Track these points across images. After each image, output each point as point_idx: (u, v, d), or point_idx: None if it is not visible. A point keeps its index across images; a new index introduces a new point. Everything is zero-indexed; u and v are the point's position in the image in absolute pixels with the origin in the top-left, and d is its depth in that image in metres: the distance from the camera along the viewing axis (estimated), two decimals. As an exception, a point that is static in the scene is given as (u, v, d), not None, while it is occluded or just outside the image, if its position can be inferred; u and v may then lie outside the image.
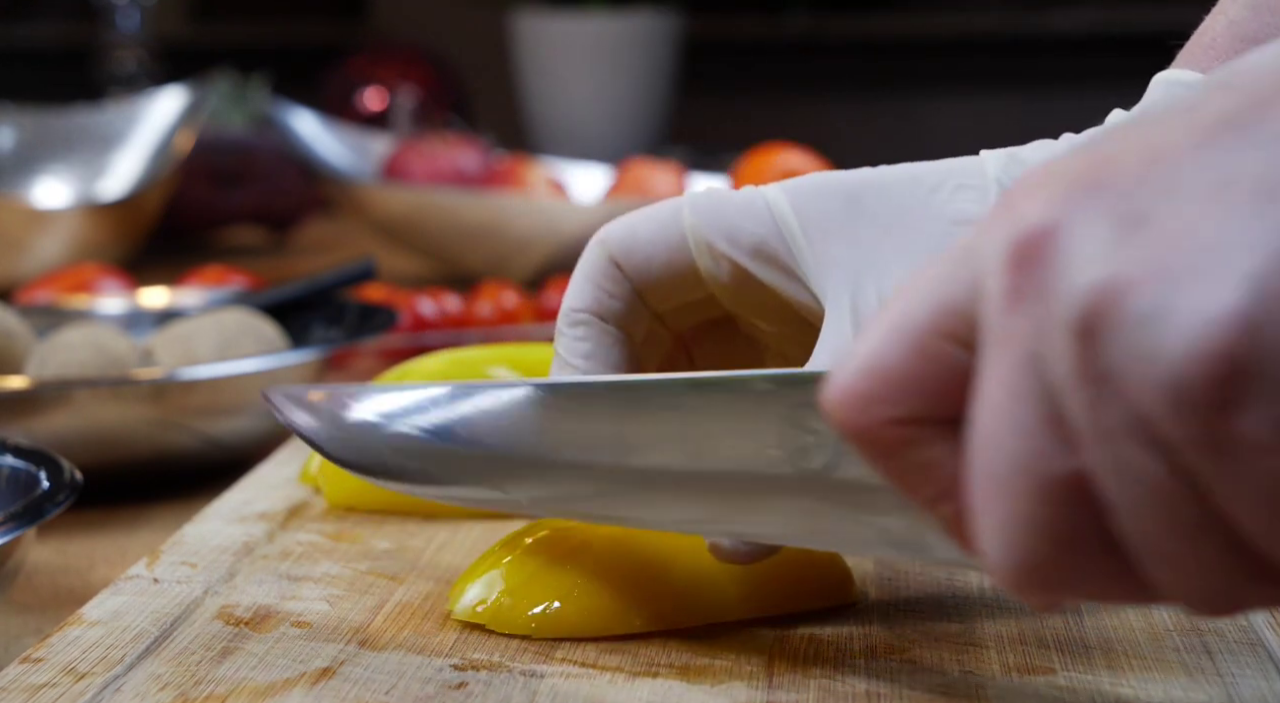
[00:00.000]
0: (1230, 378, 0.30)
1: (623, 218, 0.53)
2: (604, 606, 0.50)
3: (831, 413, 0.35)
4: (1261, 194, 0.30)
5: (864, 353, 0.35)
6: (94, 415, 0.75)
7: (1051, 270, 0.32)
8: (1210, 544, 0.32)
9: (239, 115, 1.78)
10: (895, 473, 0.36)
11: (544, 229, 1.28)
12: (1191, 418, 0.31)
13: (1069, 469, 0.33)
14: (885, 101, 2.70)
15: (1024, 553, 0.34)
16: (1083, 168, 0.32)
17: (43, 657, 0.48)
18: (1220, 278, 0.30)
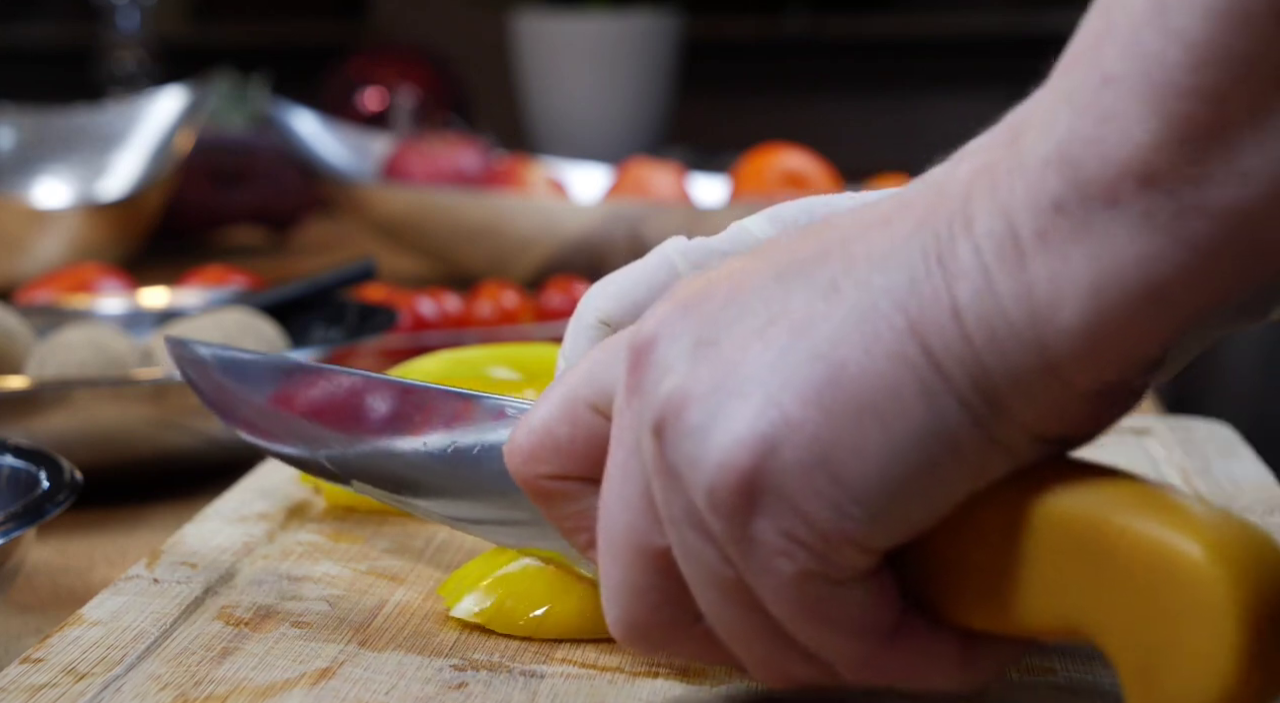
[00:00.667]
0: (748, 491, 0.36)
1: (611, 291, 0.51)
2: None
3: (507, 463, 0.43)
4: (796, 333, 0.36)
5: (534, 415, 0.42)
6: (94, 415, 0.75)
7: (649, 375, 0.38)
8: (757, 623, 0.39)
9: (239, 115, 1.78)
10: (555, 519, 0.43)
11: (544, 229, 1.28)
12: (722, 519, 0.37)
13: (661, 546, 0.39)
14: (885, 101, 2.70)
15: (627, 612, 0.40)
16: (688, 291, 0.38)
17: (43, 657, 0.48)
18: (751, 402, 0.36)
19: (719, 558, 0.38)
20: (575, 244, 1.27)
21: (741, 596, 0.38)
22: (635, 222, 1.26)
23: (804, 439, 0.35)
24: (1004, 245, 0.34)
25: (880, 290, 0.35)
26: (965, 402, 0.35)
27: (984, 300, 0.34)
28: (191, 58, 2.06)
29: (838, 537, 0.36)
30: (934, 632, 0.38)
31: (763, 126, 2.08)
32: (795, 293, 0.37)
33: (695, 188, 1.47)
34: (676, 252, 0.51)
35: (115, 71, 1.83)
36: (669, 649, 0.41)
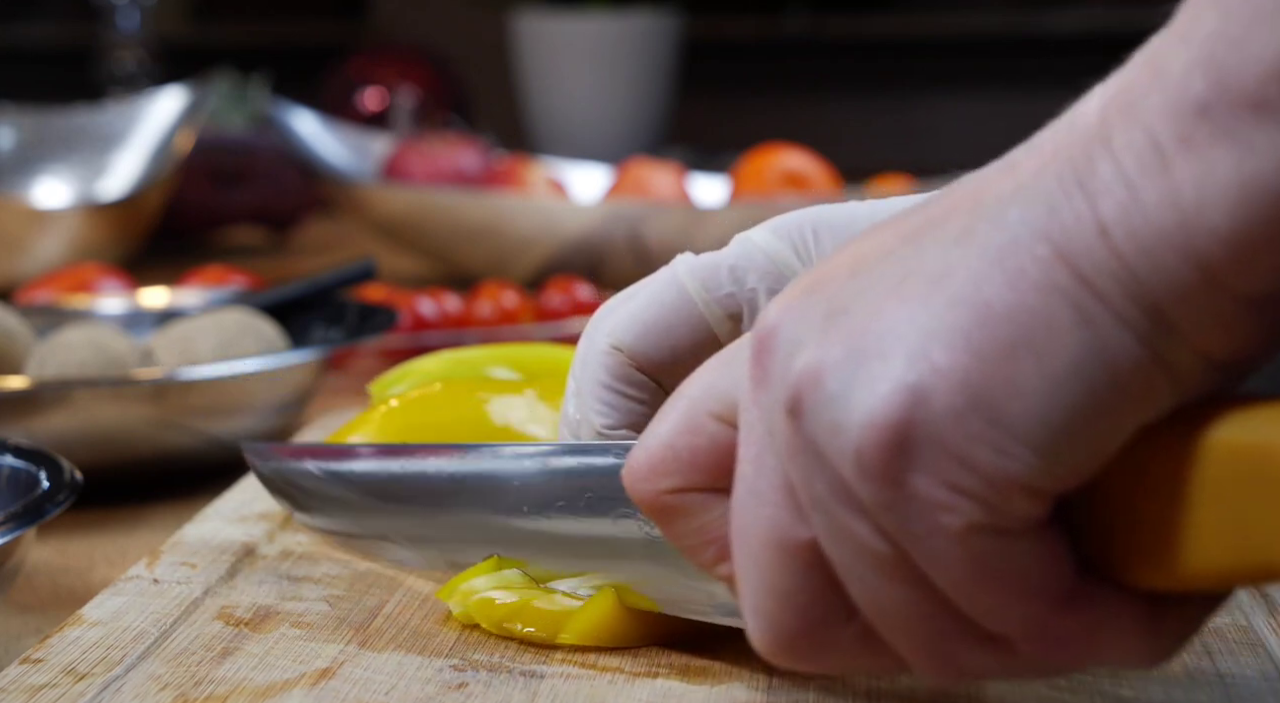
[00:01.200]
0: (900, 445, 0.34)
1: (620, 315, 0.51)
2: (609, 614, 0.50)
3: (626, 485, 0.41)
4: (932, 285, 0.35)
5: (654, 432, 0.41)
6: (94, 415, 0.75)
7: (775, 359, 0.37)
8: (922, 604, 0.36)
9: (239, 115, 1.78)
10: (678, 538, 0.41)
11: (544, 229, 1.28)
12: (874, 482, 0.35)
13: (804, 538, 0.37)
14: (885, 101, 2.70)
15: (774, 621, 0.38)
16: (809, 276, 0.38)
17: (43, 657, 0.48)
18: (893, 358, 0.35)
19: (873, 532, 0.36)
20: (575, 244, 1.27)
21: (902, 572, 0.36)
22: (635, 222, 1.26)
23: (955, 385, 0.34)
24: (1145, 155, 0.33)
25: (1018, 223, 0.34)
26: (1125, 319, 0.33)
27: (1130, 213, 0.33)
28: (191, 58, 2.06)
29: (1003, 481, 0.34)
30: (1113, 593, 0.36)
31: (763, 126, 2.08)
32: (926, 249, 0.36)
33: (695, 188, 1.47)
34: (684, 269, 0.51)
35: (115, 71, 1.83)
36: (823, 659, 0.39)
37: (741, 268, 0.50)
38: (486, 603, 0.50)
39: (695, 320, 0.50)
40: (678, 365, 0.50)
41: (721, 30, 2.65)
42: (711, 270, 0.50)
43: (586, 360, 0.51)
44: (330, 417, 0.79)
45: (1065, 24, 2.60)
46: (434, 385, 0.66)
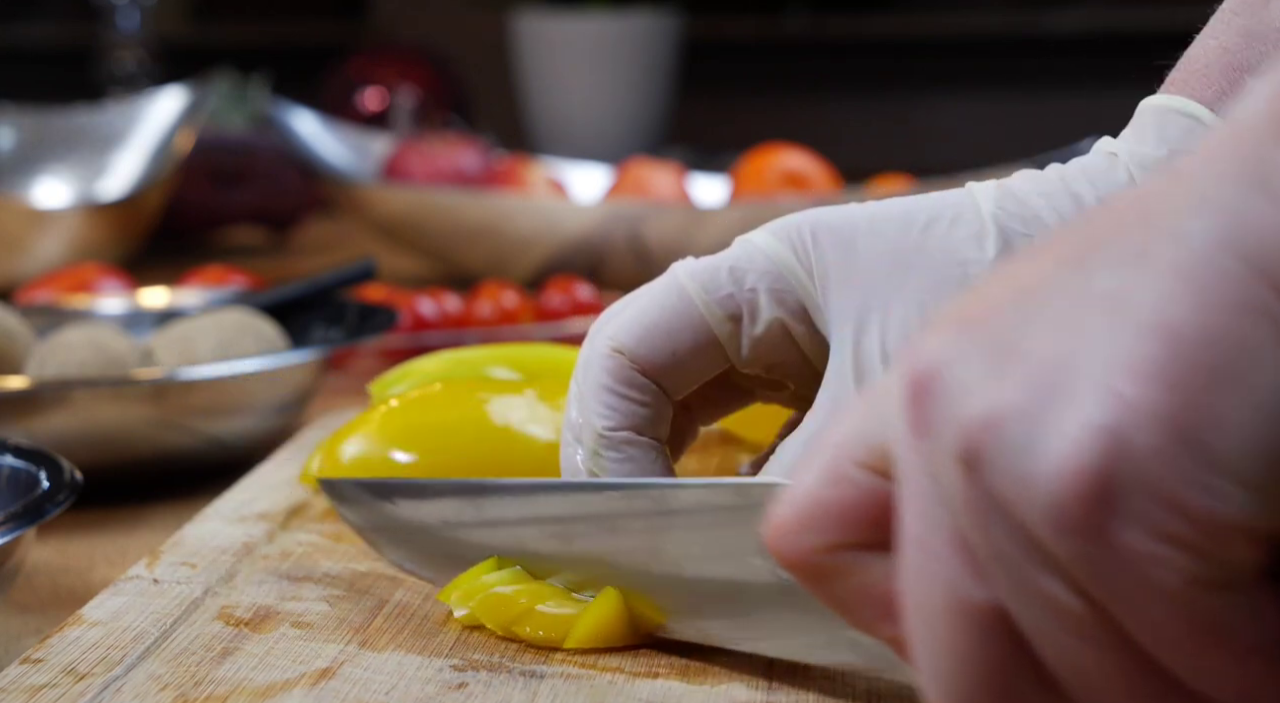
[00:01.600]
0: (1101, 495, 0.31)
1: (621, 319, 0.51)
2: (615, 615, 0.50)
3: (770, 546, 0.37)
4: (1108, 313, 0.31)
5: (796, 486, 0.37)
6: (94, 415, 0.75)
7: (939, 406, 0.33)
8: (1124, 665, 0.32)
9: (239, 115, 1.78)
10: (832, 599, 0.37)
11: (544, 229, 1.28)
12: (1073, 538, 0.31)
13: (984, 598, 0.33)
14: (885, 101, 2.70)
15: (956, 690, 0.34)
16: (966, 306, 0.34)
17: (43, 657, 0.48)
18: (1081, 398, 0.31)
19: (1069, 591, 0.32)
20: (575, 244, 1.27)
21: (1103, 633, 0.32)
22: (635, 222, 1.26)
23: (1155, 422, 0.30)
24: None
25: (1199, 236, 0.31)
26: None
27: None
28: (191, 58, 2.06)
29: (1220, 524, 0.31)
30: None
31: (763, 126, 2.08)
32: (1096, 274, 0.32)
33: (695, 188, 1.47)
34: (684, 272, 0.51)
35: (115, 71, 1.83)
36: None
37: (741, 269, 0.50)
38: (493, 605, 0.50)
39: (696, 322, 0.50)
40: (679, 368, 0.50)
41: (721, 30, 2.65)
42: (711, 273, 0.50)
43: (588, 364, 0.51)
44: (330, 417, 0.79)
45: (1065, 24, 2.60)
46: (434, 385, 0.66)
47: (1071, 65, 2.58)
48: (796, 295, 0.50)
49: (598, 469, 0.51)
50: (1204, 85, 0.51)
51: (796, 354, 0.51)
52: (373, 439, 0.63)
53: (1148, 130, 0.51)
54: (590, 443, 0.51)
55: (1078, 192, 0.50)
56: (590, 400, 0.51)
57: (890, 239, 0.50)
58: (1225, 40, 0.51)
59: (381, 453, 0.63)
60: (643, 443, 0.51)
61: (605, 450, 0.51)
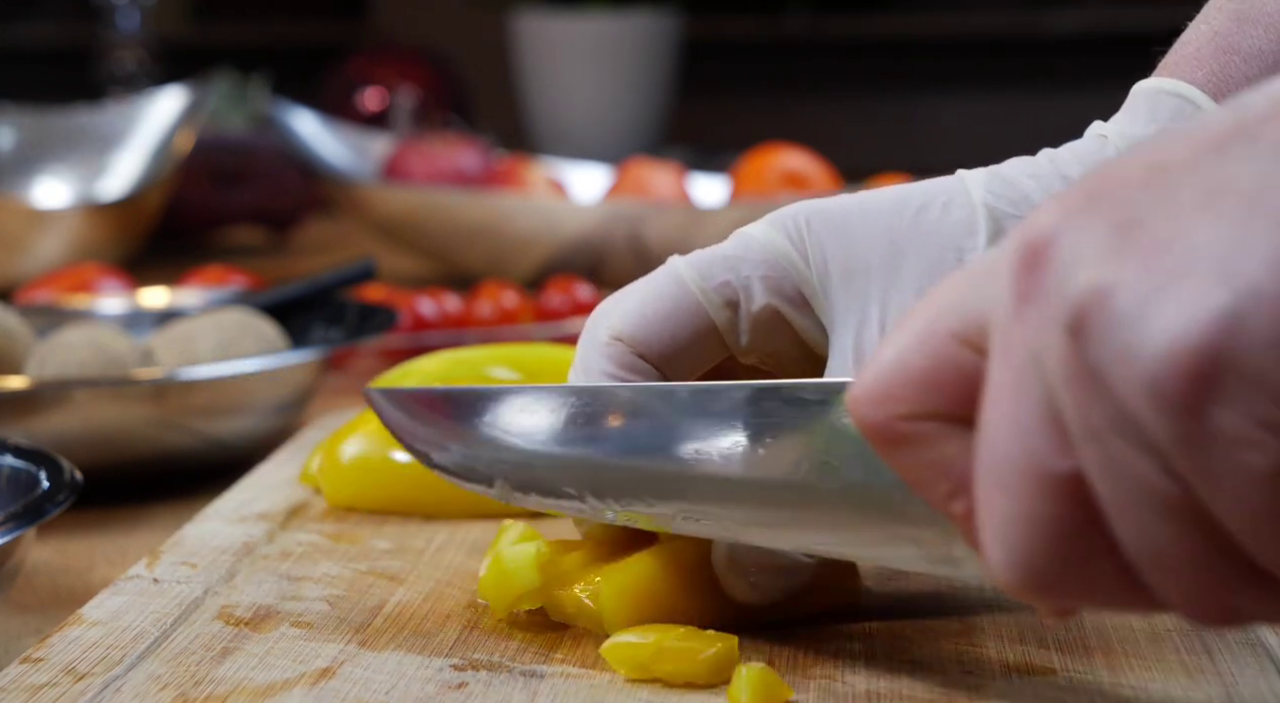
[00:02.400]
0: (1207, 375, 0.31)
1: (620, 308, 0.51)
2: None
3: (851, 410, 0.37)
4: (1251, 203, 0.31)
5: (884, 354, 0.37)
6: (94, 415, 0.75)
7: (1052, 273, 0.33)
8: (1200, 545, 0.33)
9: (239, 115, 1.78)
10: (909, 469, 0.37)
11: (544, 229, 1.28)
12: (1171, 414, 0.32)
13: (1067, 469, 0.34)
14: (885, 101, 2.70)
15: (1024, 553, 0.34)
16: (1091, 182, 0.34)
17: (43, 657, 0.48)
18: (1202, 279, 0.31)
19: (1159, 469, 0.33)
20: (575, 244, 1.27)
21: (1186, 513, 0.33)
22: (635, 222, 1.26)
23: (1276, 310, 0.31)
24: None
25: None
26: None
27: None
28: (191, 58, 2.06)
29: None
30: None
31: (763, 126, 2.08)
32: (1236, 163, 0.32)
33: (695, 188, 1.47)
34: (682, 263, 0.51)
35: (115, 71, 1.83)
36: (1074, 591, 0.35)
37: (737, 257, 0.51)
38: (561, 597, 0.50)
39: (694, 309, 0.51)
40: (679, 354, 0.51)
41: (721, 30, 2.65)
42: (708, 261, 0.51)
43: (588, 355, 0.51)
44: (330, 417, 0.79)
45: (1065, 24, 2.60)
46: (434, 385, 0.66)
47: (1071, 65, 2.58)
48: (793, 282, 0.50)
49: None
50: (1195, 67, 0.51)
51: (793, 341, 0.51)
52: (373, 439, 0.64)
53: (1139, 112, 0.51)
54: None
55: (1067, 174, 0.50)
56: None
57: (884, 225, 0.50)
58: (1216, 24, 0.52)
59: (381, 453, 0.63)
60: None
61: None
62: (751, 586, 0.50)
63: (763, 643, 0.49)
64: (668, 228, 1.25)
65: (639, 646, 0.46)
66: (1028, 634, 0.49)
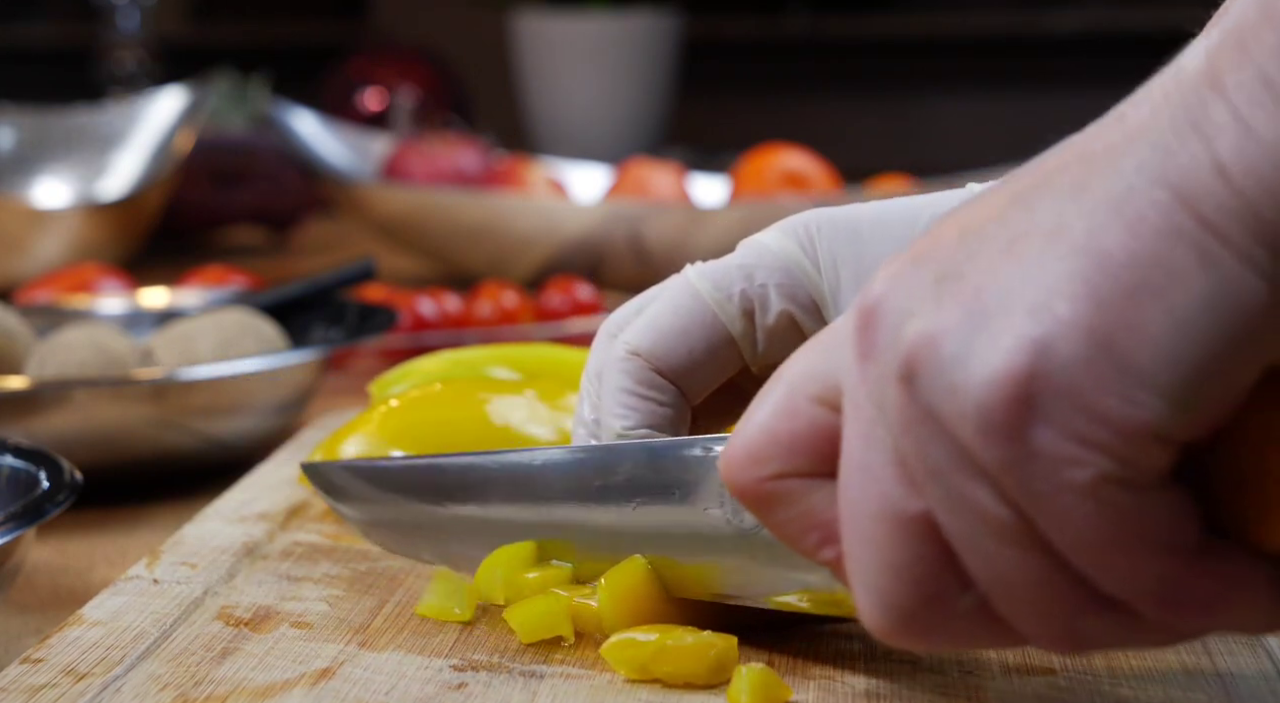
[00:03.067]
0: (1023, 397, 0.34)
1: (636, 324, 0.52)
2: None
3: (723, 474, 0.41)
4: (1049, 240, 0.34)
5: (750, 421, 0.40)
6: (94, 415, 0.75)
7: (883, 330, 0.36)
8: (1039, 570, 0.35)
9: (239, 115, 1.78)
10: (780, 525, 0.40)
11: (544, 229, 1.28)
12: (996, 440, 0.34)
13: (917, 510, 0.36)
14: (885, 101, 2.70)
15: (888, 597, 0.37)
16: (914, 248, 0.37)
17: (43, 657, 0.48)
18: (1012, 315, 0.34)
19: (994, 497, 0.35)
20: (575, 244, 1.27)
21: (1023, 537, 0.35)
22: (635, 222, 1.26)
23: (1079, 333, 0.33)
24: (1258, 93, 0.33)
25: (1132, 171, 0.34)
26: (1249, 258, 0.33)
27: (1247, 150, 0.33)
28: (191, 58, 2.06)
29: (1133, 429, 0.33)
30: (1239, 553, 0.35)
31: (763, 126, 2.08)
32: (1037, 207, 0.35)
33: (695, 188, 1.47)
34: (694, 274, 0.51)
35: (115, 71, 1.83)
36: (939, 635, 0.38)
37: (750, 266, 0.51)
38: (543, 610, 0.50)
39: (710, 321, 0.51)
40: (696, 368, 0.51)
41: (721, 30, 2.65)
42: (722, 272, 0.51)
43: (604, 368, 0.52)
44: (330, 417, 0.79)
45: (1065, 24, 2.60)
46: (434, 385, 0.66)
47: (1071, 65, 2.58)
48: (806, 290, 0.51)
49: None
50: None
51: None
52: (373, 439, 0.64)
53: None
54: (609, 442, 0.51)
55: None
56: (608, 403, 0.51)
57: (895, 234, 0.50)
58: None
59: (381, 453, 0.63)
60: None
61: None
62: None
63: (763, 643, 0.49)
64: (668, 228, 1.25)
65: (639, 646, 0.46)
66: (1028, 634, 0.49)
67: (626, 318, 0.53)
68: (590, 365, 0.53)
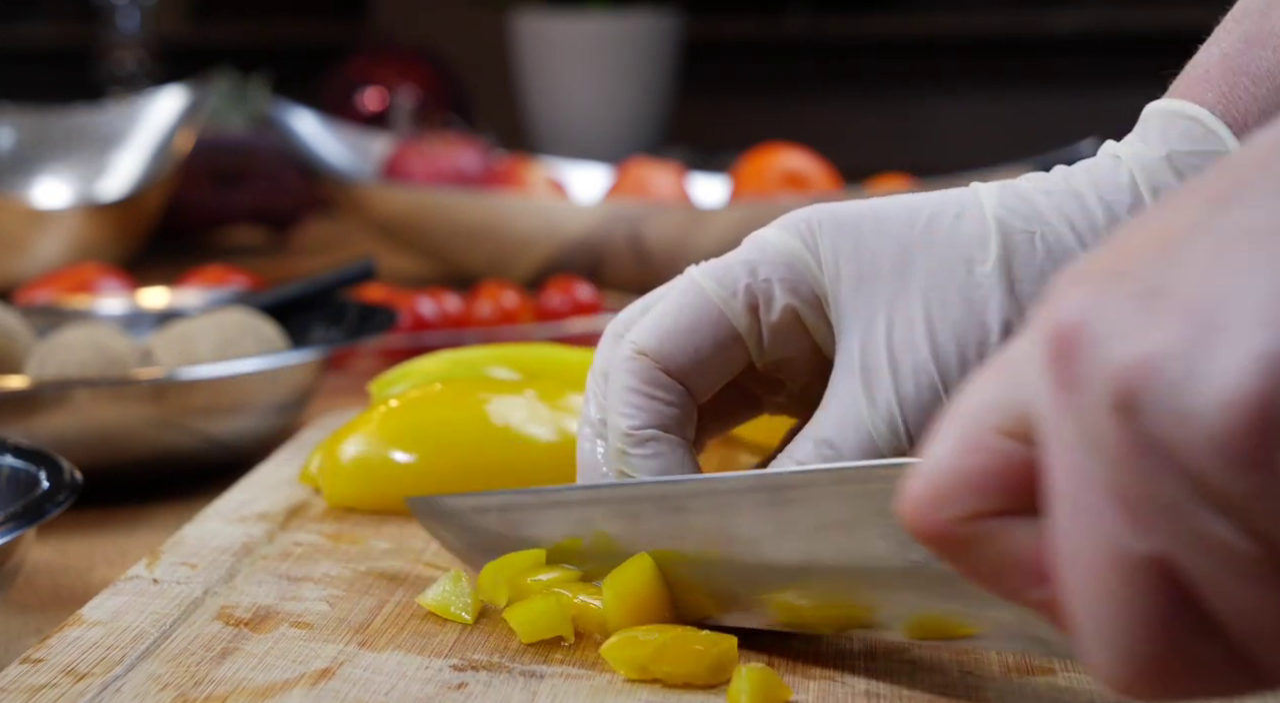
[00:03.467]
0: (1266, 420, 0.30)
1: (642, 323, 0.51)
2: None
3: (907, 520, 0.37)
4: (1264, 243, 0.31)
5: (931, 460, 0.36)
6: (94, 415, 0.75)
7: (1087, 357, 0.33)
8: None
9: (239, 115, 1.78)
10: (974, 571, 0.37)
11: (544, 229, 1.28)
12: (1240, 469, 0.31)
13: (1147, 550, 0.33)
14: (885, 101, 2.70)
15: (1127, 650, 0.33)
16: (1104, 260, 0.34)
17: (43, 657, 0.48)
18: (1237, 329, 0.31)
19: (1238, 532, 0.32)
20: (575, 244, 1.27)
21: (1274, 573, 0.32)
22: (635, 221, 1.26)
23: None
24: None
25: None
26: None
27: None
28: (191, 58, 2.06)
29: None
30: None
31: (763, 126, 2.08)
32: (1243, 210, 0.32)
33: (695, 188, 1.47)
34: (699, 272, 0.51)
35: (115, 71, 1.83)
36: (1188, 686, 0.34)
37: (753, 262, 0.51)
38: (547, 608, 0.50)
39: (716, 318, 0.51)
40: (703, 366, 0.51)
41: (721, 30, 2.65)
42: (725, 269, 0.51)
43: (610, 368, 0.52)
44: (330, 417, 0.79)
45: (1065, 24, 2.60)
46: (434, 385, 0.66)
47: (1071, 65, 2.58)
48: (809, 284, 0.51)
49: (624, 468, 0.51)
50: (1205, 89, 0.52)
51: (809, 346, 0.52)
52: (373, 439, 0.64)
53: (1151, 132, 0.51)
54: (616, 442, 0.51)
55: (1079, 190, 0.50)
56: (615, 403, 0.51)
57: (895, 234, 0.50)
58: (1226, 46, 0.52)
59: (381, 453, 0.63)
60: (670, 439, 0.51)
61: (632, 448, 0.51)
62: None
63: (763, 643, 0.49)
64: (668, 228, 1.25)
65: (639, 646, 0.46)
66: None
67: (633, 318, 0.53)
68: (596, 365, 0.53)
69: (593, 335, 1.04)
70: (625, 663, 0.47)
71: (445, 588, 0.52)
